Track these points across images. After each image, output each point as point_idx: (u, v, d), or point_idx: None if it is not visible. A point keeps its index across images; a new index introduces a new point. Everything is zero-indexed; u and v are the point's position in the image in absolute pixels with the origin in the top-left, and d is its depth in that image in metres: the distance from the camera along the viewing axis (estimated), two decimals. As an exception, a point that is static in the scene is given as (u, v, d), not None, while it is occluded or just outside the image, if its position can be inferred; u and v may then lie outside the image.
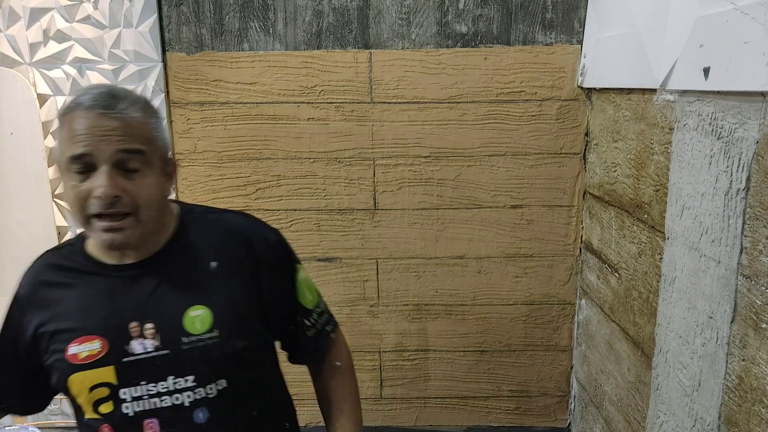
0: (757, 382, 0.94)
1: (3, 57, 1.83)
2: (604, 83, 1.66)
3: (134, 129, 0.91)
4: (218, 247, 1.02)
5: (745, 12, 0.93)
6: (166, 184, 0.99)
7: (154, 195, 0.94)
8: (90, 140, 0.89)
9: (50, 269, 1.06)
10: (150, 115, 0.96)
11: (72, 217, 0.97)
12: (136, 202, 0.91)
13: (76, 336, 0.98)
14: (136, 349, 0.96)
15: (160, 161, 0.96)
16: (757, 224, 0.94)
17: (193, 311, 0.97)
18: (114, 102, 0.91)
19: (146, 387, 0.97)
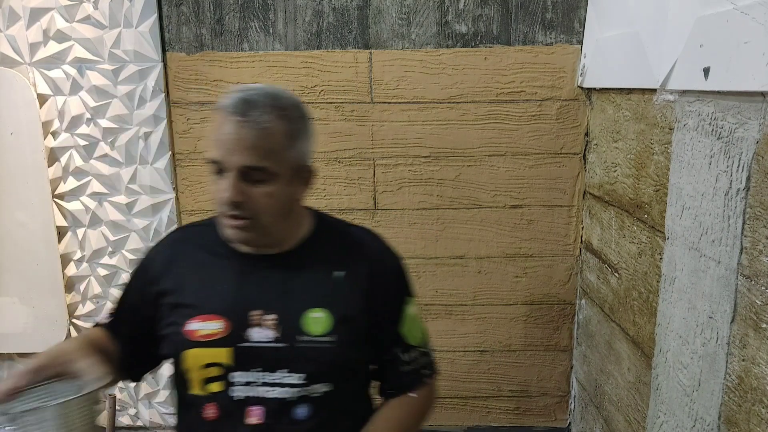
0: (757, 382, 0.94)
1: (3, 57, 1.83)
2: (604, 83, 1.66)
3: (262, 141, 0.93)
4: (344, 258, 1.06)
5: (745, 12, 0.93)
6: (295, 190, 1.01)
7: (275, 204, 0.97)
8: (221, 148, 0.94)
9: (184, 243, 1.11)
10: (289, 121, 0.97)
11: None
12: (257, 208, 0.95)
13: (198, 313, 1.01)
14: (254, 336, 0.99)
15: (290, 170, 0.97)
16: (757, 224, 0.94)
17: (314, 313, 1.01)
18: (248, 109, 0.93)
19: (257, 375, 0.99)
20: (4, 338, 2.01)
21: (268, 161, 0.94)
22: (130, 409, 2.12)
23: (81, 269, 2.00)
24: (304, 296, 1.01)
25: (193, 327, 1.01)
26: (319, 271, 1.04)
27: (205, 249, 1.07)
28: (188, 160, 1.92)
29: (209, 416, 1.02)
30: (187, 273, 1.06)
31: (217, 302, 1.02)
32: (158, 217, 1.95)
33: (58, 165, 1.91)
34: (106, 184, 1.93)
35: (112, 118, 1.87)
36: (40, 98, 1.86)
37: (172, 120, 1.90)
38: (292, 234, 1.05)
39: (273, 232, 1.01)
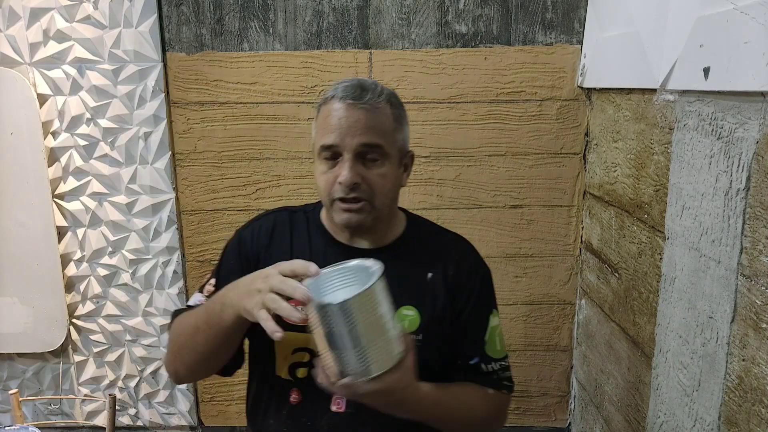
0: (757, 382, 0.94)
1: (3, 57, 1.83)
2: (604, 83, 1.66)
3: (377, 122, 0.98)
4: (435, 260, 1.08)
5: (745, 12, 0.93)
6: (401, 175, 1.06)
7: (389, 184, 1.02)
8: (338, 130, 0.98)
9: (283, 226, 1.12)
10: (394, 107, 1.02)
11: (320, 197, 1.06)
12: (373, 189, 0.99)
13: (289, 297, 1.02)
14: None
15: (398, 153, 1.03)
16: (757, 224, 0.94)
17: (406, 310, 1.03)
18: (363, 93, 0.98)
19: None
20: (4, 338, 2.01)
21: (384, 140, 0.99)
22: (130, 409, 2.12)
23: (81, 269, 2.00)
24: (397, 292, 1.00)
25: None
26: (411, 269, 1.06)
27: (304, 235, 1.10)
28: (188, 160, 1.92)
29: (293, 400, 1.05)
30: (284, 255, 1.06)
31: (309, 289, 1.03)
32: (158, 217, 1.95)
33: (58, 165, 1.91)
34: (106, 184, 1.93)
35: (112, 118, 1.88)
36: (40, 98, 1.86)
37: (172, 120, 1.90)
38: (389, 229, 1.09)
39: (382, 219, 1.04)
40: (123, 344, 2.05)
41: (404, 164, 1.07)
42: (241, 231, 1.15)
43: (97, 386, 2.10)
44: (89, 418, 2.11)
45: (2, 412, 2.13)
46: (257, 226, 1.14)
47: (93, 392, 2.09)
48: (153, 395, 2.10)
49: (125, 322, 2.03)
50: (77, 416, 2.11)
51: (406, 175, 1.09)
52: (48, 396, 2.08)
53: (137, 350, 2.05)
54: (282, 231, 1.11)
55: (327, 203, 1.03)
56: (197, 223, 1.96)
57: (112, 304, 2.02)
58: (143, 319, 2.03)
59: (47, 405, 2.11)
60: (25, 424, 1.65)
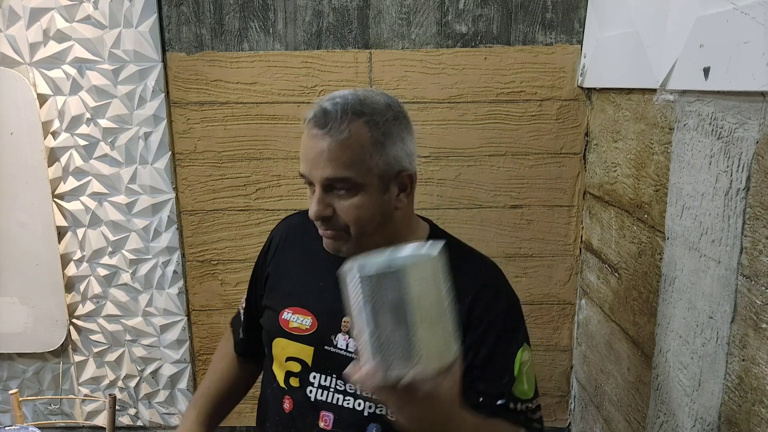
0: (757, 382, 0.94)
1: (3, 57, 1.83)
2: (604, 83, 1.66)
3: (342, 152, 0.89)
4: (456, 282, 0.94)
5: (745, 12, 0.93)
6: (390, 198, 0.95)
7: (366, 215, 0.93)
8: (305, 162, 0.92)
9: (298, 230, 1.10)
10: (373, 127, 0.91)
11: None
12: (344, 222, 0.93)
13: (293, 304, 1.01)
14: (340, 342, 0.98)
15: (379, 178, 0.92)
16: (757, 224, 0.94)
17: None
18: (326, 120, 0.89)
19: (336, 381, 0.98)
20: (4, 338, 2.01)
21: (350, 172, 0.90)
22: (130, 409, 2.12)
23: (81, 269, 2.00)
24: None
25: (287, 317, 1.01)
26: None
27: (315, 242, 1.05)
28: (188, 160, 1.92)
29: (286, 408, 1.03)
30: (293, 261, 1.05)
31: (312, 299, 1.01)
32: (158, 217, 1.95)
33: (58, 165, 1.91)
34: (106, 184, 1.93)
35: (112, 118, 1.87)
36: (40, 98, 1.86)
37: (172, 120, 1.90)
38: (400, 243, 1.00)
39: (370, 243, 0.94)
40: (123, 344, 2.05)
41: (400, 185, 0.96)
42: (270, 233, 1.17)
43: (97, 386, 2.10)
44: (89, 418, 2.11)
45: (2, 412, 2.13)
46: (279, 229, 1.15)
47: (93, 392, 2.09)
48: (153, 395, 2.10)
49: (125, 322, 2.03)
50: (77, 416, 2.11)
51: (404, 196, 0.97)
52: (48, 396, 2.08)
53: (137, 350, 2.05)
54: (296, 235, 1.09)
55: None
56: (197, 223, 1.96)
57: (112, 304, 2.02)
58: (143, 319, 2.03)
59: (47, 405, 2.11)
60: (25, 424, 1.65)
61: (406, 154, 0.95)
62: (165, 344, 2.05)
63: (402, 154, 0.95)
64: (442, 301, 0.70)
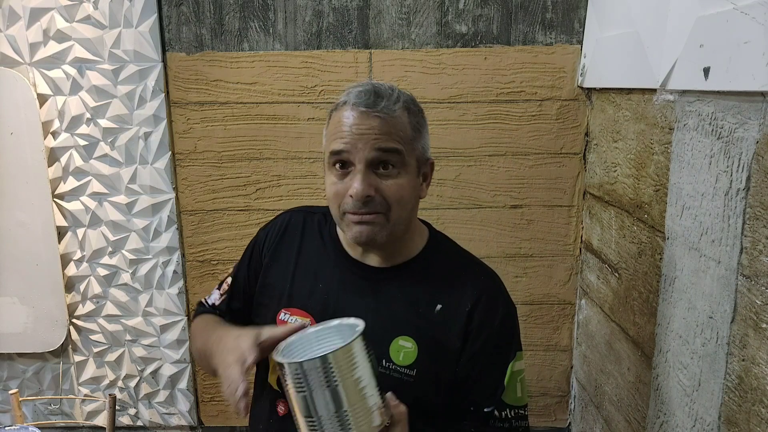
0: (757, 382, 0.94)
1: (3, 57, 1.83)
2: (604, 83, 1.66)
3: (393, 128, 0.91)
4: (449, 291, 0.98)
5: (745, 12, 0.93)
6: (420, 185, 0.98)
7: (406, 195, 0.93)
8: (350, 138, 0.90)
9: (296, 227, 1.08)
10: (412, 114, 0.95)
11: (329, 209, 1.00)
12: (388, 201, 0.92)
13: (290, 305, 1.00)
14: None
15: (417, 162, 0.95)
16: (757, 224, 0.94)
17: (403, 341, 0.95)
18: (377, 100, 0.91)
19: None
20: (4, 338, 2.01)
21: (402, 146, 0.91)
22: (130, 409, 2.12)
23: (81, 269, 2.00)
24: (398, 320, 0.95)
25: (285, 318, 0.99)
26: (420, 297, 0.97)
27: (315, 241, 1.04)
28: (188, 160, 1.92)
29: (281, 412, 1.01)
30: (291, 259, 1.04)
31: (312, 300, 0.99)
32: (158, 217, 1.95)
33: (58, 165, 1.91)
34: (106, 184, 1.93)
35: (112, 118, 1.88)
36: (40, 98, 1.86)
37: (172, 120, 1.90)
38: (405, 246, 1.00)
39: (397, 233, 0.96)
40: (123, 344, 2.05)
41: (423, 174, 0.98)
42: (262, 229, 1.14)
43: (97, 386, 2.10)
44: (89, 418, 2.11)
45: (2, 412, 2.13)
46: (271, 227, 1.12)
47: (93, 392, 2.09)
48: (153, 395, 2.10)
49: (125, 322, 2.03)
50: (77, 416, 2.11)
51: (425, 185, 1.00)
52: (48, 396, 2.08)
53: (137, 350, 2.05)
54: (292, 236, 1.07)
55: (337, 217, 0.97)
56: (197, 223, 1.96)
57: (112, 304, 2.02)
58: (143, 319, 2.03)
59: (47, 405, 2.11)
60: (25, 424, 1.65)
61: (427, 145, 0.99)
62: (165, 344, 2.05)
63: (427, 144, 0.98)
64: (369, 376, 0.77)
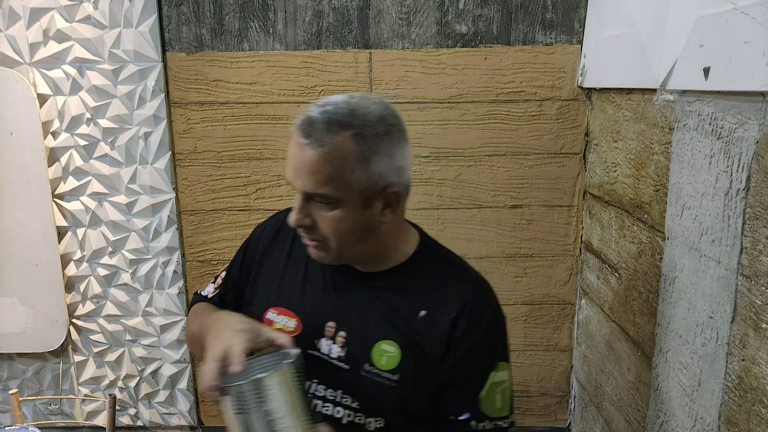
0: (757, 382, 0.94)
1: (3, 57, 1.83)
2: (604, 83, 1.66)
3: (321, 166, 0.85)
4: (435, 297, 0.96)
5: (745, 12, 0.93)
6: (373, 214, 0.91)
7: (344, 228, 0.89)
8: (290, 168, 0.89)
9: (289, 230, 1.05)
10: (362, 141, 0.86)
11: None
12: (323, 233, 0.90)
13: (278, 304, 1.00)
14: (322, 347, 0.96)
15: (360, 194, 0.88)
16: (757, 224, 0.94)
17: (386, 345, 0.94)
18: (311, 130, 0.86)
19: (317, 386, 0.97)
20: (4, 338, 2.01)
21: (328, 187, 0.86)
22: (130, 409, 2.12)
23: (81, 269, 2.00)
24: (381, 324, 0.95)
25: (272, 317, 0.99)
26: (404, 302, 0.96)
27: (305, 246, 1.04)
28: (188, 160, 1.92)
29: None
30: (282, 258, 1.04)
31: (299, 300, 0.99)
32: (158, 217, 1.95)
33: (58, 165, 1.91)
34: (106, 184, 1.93)
35: (112, 118, 1.87)
36: (40, 98, 1.86)
37: (172, 120, 1.90)
38: (391, 254, 0.98)
39: (352, 254, 0.95)
40: (123, 344, 2.05)
41: (385, 201, 0.91)
42: (258, 227, 1.14)
43: (97, 386, 2.10)
44: (89, 418, 2.11)
45: (2, 412, 2.13)
46: (267, 225, 1.12)
47: (93, 392, 2.09)
48: (153, 395, 2.10)
49: (125, 322, 2.03)
50: (77, 416, 2.11)
51: (389, 212, 0.92)
52: (48, 396, 2.08)
53: (137, 350, 2.05)
54: (285, 236, 1.07)
55: None
56: (197, 223, 1.96)
57: (112, 304, 2.02)
58: (143, 319, 2.03)
59: (47, 405, 2.11)
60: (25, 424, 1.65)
61: (394, 169, 0.90)
62: (165, 344, 2.05)
63: (389, 169, 0.89)
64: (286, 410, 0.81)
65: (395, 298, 0.97)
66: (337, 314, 0.97)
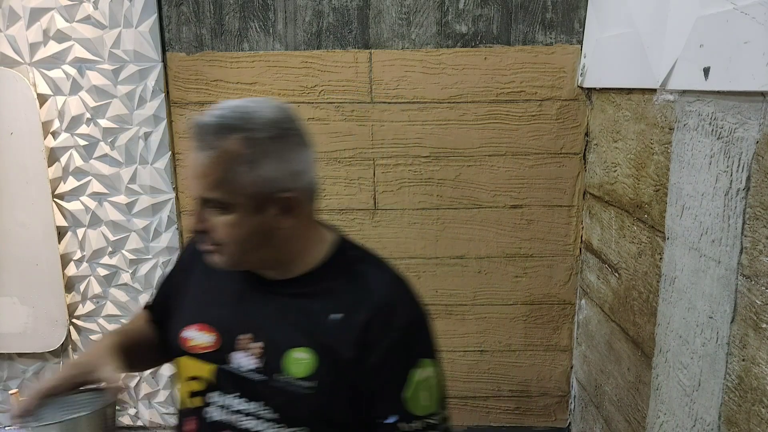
0: (757, 382, 0.94)
1: (3, 57, 1.83)
2: (604, 83, 1.66)
3: (210, 170, 0.85)
4: (349, 300, 0.94)
5: (745, 12, 0.93)
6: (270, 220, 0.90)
7: (241, 233, 0.88)
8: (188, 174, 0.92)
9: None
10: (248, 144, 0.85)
11: None
12: (219, 238, 0.89)
13: (195, 321, 0.98)
14: (237, 361, 0.94)
15: (252, 198, 0.87)
16: (757, 224, 0.94)
17: (299, 352, 0.92)
18: (201, 134, 0.86)
19: (235, 400, 0.95)
20: (4, 338, 2.01)
21: (219, 191, 0.86)
22: (130, 409, 2.12)
23: (81, 269, 2.00)
24: (293, 332, 0.93)
25: (188, 335, 0.98)
26: (318, 307, 0.94)
27: None
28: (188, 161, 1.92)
29: (191, 429, 0.99)
30: (201, 275, 1.03)
31: (214, 315, 0.98)
32: (158, 217, 1.95)
33: (58, 165, 1.91)
34: (106, 184, 1.93)
35: (112, 118, 1.88)
36: (40, 98, 1.86)
37: (172, 120, 1.90)
38: (302, 260, 0.96)
39: (254, 260, 0.94)
40: (123, 344, 2.05)
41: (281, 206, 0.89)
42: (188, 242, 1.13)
43: (97, 386, 2.09)
44: (89, 418, 2.11)
45: (2, 412, 2.13)
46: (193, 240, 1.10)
47: (93, 392, 2.09)
48: (153, 395, 2.10)
49: (125, 322, 2.03)
50: (77, 416, 2.11)
51: (288, 218, 0.91)
52: (48, 396, 2.08)
53: (137, 350, 2.05)
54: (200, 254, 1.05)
55: None
56: (197, 223, 1.96)
57: (112, 304, 2.02)
58: (143, 319, 2.03)
59: (47, 405, 2.11)
60: (25, 424, 1.65)
61: (289, 173, 0.89)
62: (165, 344, 2.05)
63: (282, 174, 0.88)
64: None
65: (308, 303, 0.94)
66: (252, 325, 0.95)
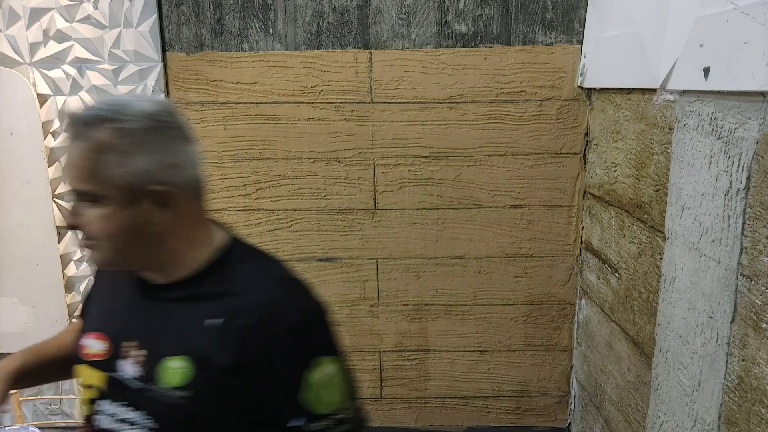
0: (757, 382, 0.94)
1: (3, 57, 1.83)
2: (604, 83, 1.66)
3: (82, 161, 0.83)
4: (234, 303, 0.89)
5: (745, 12, 0.93)
6: (147, 215, 0.86)
7: (114, 228, 0.85)
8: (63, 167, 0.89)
9: None
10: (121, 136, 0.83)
11: None
12: (93, 234, 0.86)
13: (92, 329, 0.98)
14: (121, 368, 0.92)
15: (122, 191, 0.84)
16: (757, 224, 0.94)
17: (174, 361, 0.88)
18: (72, 126, 0.85)
19: (121, 408, 0.92)
20: (4, 338, 2.01)
21: (89, 183, 0.83)
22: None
23: (81, 269, 1.99)
24: (170, 340, 0.89)
25: (85, 342, 0.97)
26: (200, 312, 0.89)
27: None
28: (188, 160, 1.92)
29: None
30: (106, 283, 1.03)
31: (107, 322, 0.97)
32: (158, 217, 1.95)
33: (58, 165, 1.91)
34: (106, 184, 1.93)
35: (112, 118, 1.87)
36: (40, 98, 1.86)
37: (172, 120, 1.89)
38: (178, 263, 0.92)
39: (132, 260, 0.90)
40: (123, 344, 2.05)
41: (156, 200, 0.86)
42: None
43: (97, 386, 2.10)
44: (89, 418, 2.11)
45: (2, 412, 2.13)
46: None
47: (93, 392, 2.09)
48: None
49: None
50: (77, 416, 2.11)
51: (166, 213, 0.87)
52: (48, 396, 2.08)
53: (137, 350, 2.05)
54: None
55: None
56: (197, 223, 1.96)
57: (112, 304, 2.02)
58: (143, 319, 2.03)
59: (47, 405, 2.11)
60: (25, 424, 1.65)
61: (164, 166, 0.86)
62: (165, 344, 2.05)
63: (156, 166, 0.85)
64: None
65: (188, 308, 0.90)
66: (138, 332, 0.92)
